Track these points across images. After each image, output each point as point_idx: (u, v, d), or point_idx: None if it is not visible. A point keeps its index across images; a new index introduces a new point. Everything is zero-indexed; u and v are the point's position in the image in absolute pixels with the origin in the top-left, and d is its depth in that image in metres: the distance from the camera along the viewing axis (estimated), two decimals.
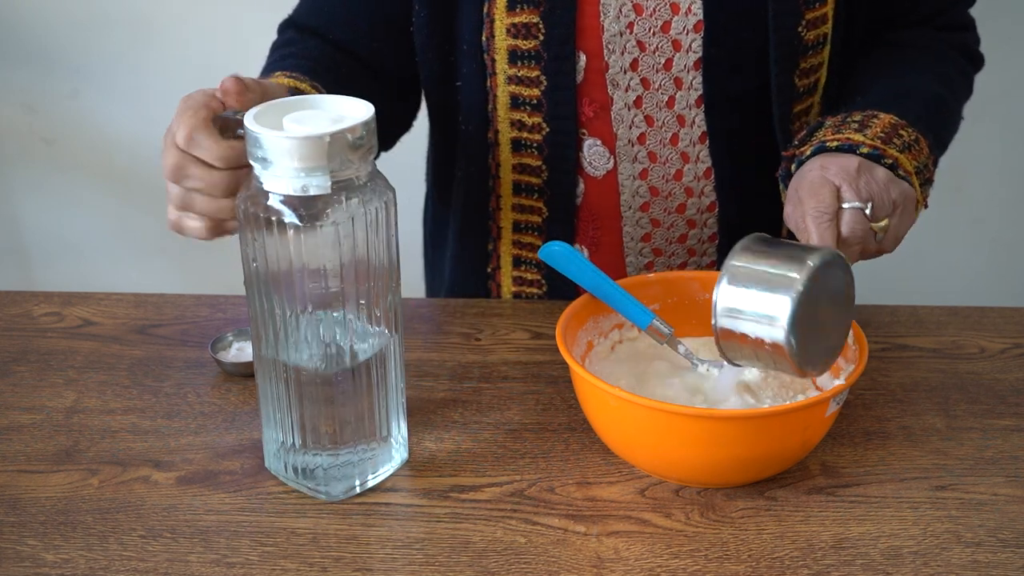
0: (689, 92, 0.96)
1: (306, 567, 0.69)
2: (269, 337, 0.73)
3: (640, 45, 0.94)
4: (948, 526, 0.73)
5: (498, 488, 0.77)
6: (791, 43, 0.94)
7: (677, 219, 1.02)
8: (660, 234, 1.03)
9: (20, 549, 0.71)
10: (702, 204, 1.01)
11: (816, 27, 0.95)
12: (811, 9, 0.94)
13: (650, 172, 0.99)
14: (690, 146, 0.98)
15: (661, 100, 0.96)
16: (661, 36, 0.93)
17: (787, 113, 0.98)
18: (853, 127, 0.87)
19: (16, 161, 2.04)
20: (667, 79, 0.95)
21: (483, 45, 0.96)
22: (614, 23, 0.93)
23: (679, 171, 0.99)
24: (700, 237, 1.03)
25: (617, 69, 0.94)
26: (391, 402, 0.77)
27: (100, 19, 1.88)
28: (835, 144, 0.84)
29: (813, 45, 0.96)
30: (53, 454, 0.80)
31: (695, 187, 1.00)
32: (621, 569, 0.69)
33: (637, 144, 0.98)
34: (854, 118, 0.89)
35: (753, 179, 1.00)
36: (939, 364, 0.93)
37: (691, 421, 0.71)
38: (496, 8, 0.93)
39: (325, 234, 0.68)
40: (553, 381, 0.89)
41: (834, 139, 0.85)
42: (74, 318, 1.00)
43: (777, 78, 0.95)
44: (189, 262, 2.09)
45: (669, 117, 0.97)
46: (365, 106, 0.71)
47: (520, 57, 0.95)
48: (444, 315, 1.01)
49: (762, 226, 1.02)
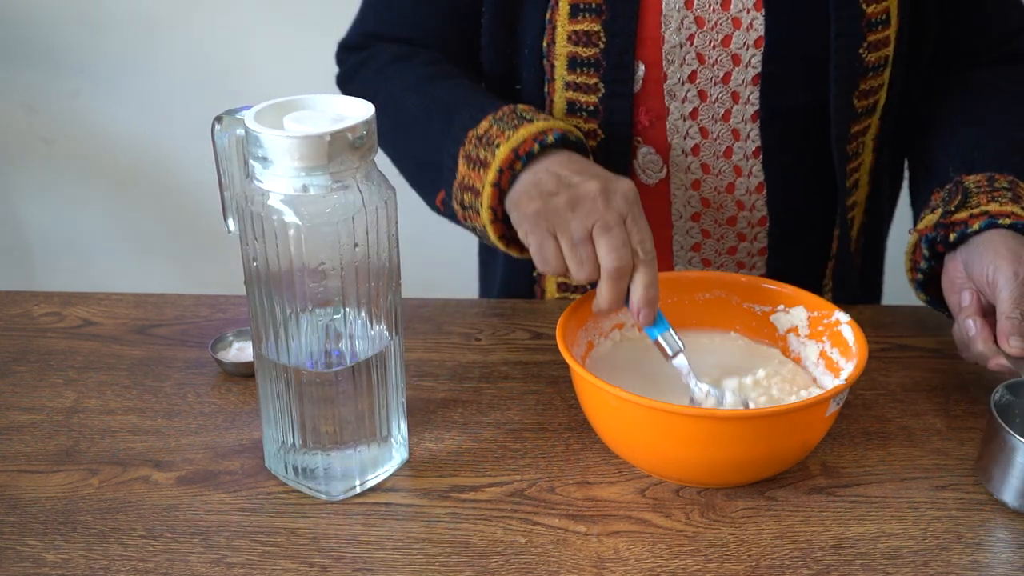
0: (746, 107, 0.96)
1: (306, 567, 0.69)
2: (269, 337, 0.73)
3: (699, 58, 0.94)
4: (948, 526, 0.73)
5: (498, 488, 0.77)
6: (852, 64, 0.94)
7: (727, 231, 1.02)
8: (710, 245, 1.03)
9: (20, 549, 0.71)
10: (753, 218, 1.01)
11: (878, 49, 0.95)
12: (874, 31, 0.94)
13: (702, 183, 0.99)
14: (743, 160, 0.98)
15: (717, 113, 0.96)
16: (721, 50, 0.93)
17: (844, 133, 0.98)
18: (1008, 196, 0.86)
19: (16, 161, 2.04)
20: (724, 92, 0.95)
21: (543, 51, 0.96)
22: (675, 35, 0.93)
23: (731, 184, 0.99)
24: (750, 250, 1.03)
25: (675, 80, 0.95)
26: (391, 402, 0.77)
27: (101, 19, 1.89)
28: (1007, 223, 0.83)
29: (874, 66, 0.96)
30: (53, 454, 0.80)
31: (746, 201, 1.00)
32: (621, 569, 0.69)
33: (691, 155, 0.98)
34: (1001, 184, 0.88)
35: (804, 196, 1.01)
36: (939, 364, 0.92)
37: (691, 421, 0.71)
38: (558, 15, 0.94)
39: (325, 234, 0.68)
40: (553, 381, 0.89)
41: (1001, 214, 0.84)
42: (74, 318, 1.00)
43: (836, 98, 0.95)
44: (189, 262, 2.09)
45: (724, 130, 0.97)
46: (365, 106, 0.71)
47: (579, 64, 0.95)
48: (444, 315, 1.01)
49: (811, 243, 1.03)
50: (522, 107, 0.88)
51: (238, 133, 0.74)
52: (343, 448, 0.74)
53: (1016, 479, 0.72)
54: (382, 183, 0.72)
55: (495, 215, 0.85)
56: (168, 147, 1.97)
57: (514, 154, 0.83)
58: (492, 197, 0.84)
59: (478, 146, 0.86)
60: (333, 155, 0.67)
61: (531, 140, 0.83)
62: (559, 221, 0.78)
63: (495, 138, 0.85)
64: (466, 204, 0.88)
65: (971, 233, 0.85)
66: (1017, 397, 0.76)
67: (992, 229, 0.84)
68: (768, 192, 1.00)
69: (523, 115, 0.87)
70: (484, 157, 0.85)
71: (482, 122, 0.87)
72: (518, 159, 0.83)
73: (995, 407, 0.73)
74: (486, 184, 0.84)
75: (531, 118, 0.86)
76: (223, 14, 1.89)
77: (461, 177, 0.87)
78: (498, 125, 0.86)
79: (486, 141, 0.85)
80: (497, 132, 0.85)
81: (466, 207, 0.88)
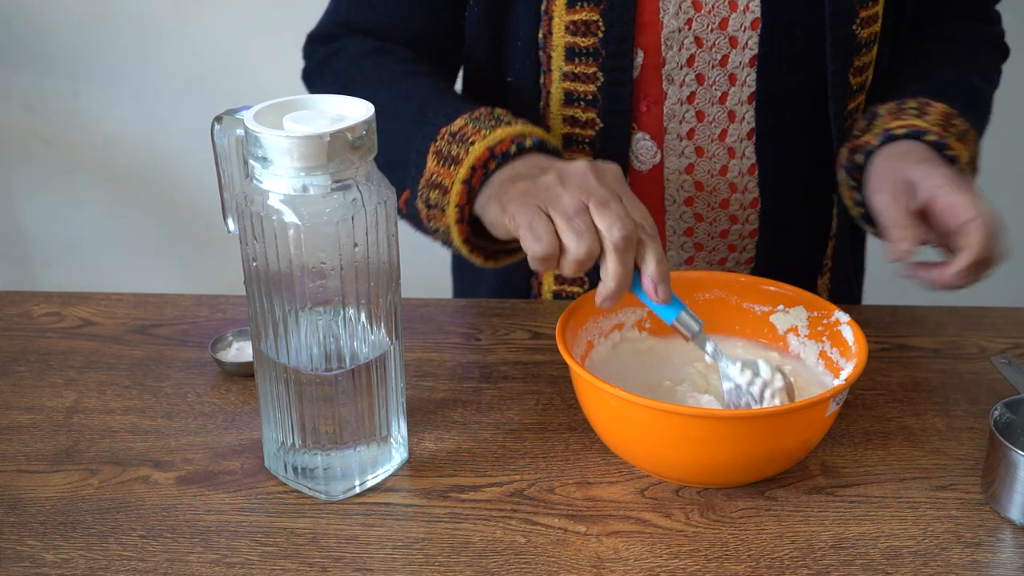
0: (742, 89, 0.96)
1: (306, 567, 0.69)
2: (269, 337, 0.73)
3: (697, 41, 0.94)
4: (948, 526, 0.73)
5: (498, 488, 0.77)
6: (847, 41, 0.95)
7: (720, 214, 1.02)
8: (703, 228, 1.03)
9: (20, 549, 0.71)
10: (745, 200, 1.02)
11: (869, 25, 0.96)
12: (865, 7, 0.95)
13: (696, 167, 1.00)
14: (737, 142, 0.99)
15: (714, 96, 0.97)
16: (719, 33, 0.94)
17: (842, 110, 0.99)
18: (912, 113, 0.90)
19: (16, 161, 2.04)
20: (722, 75, 0.96)
21: (539, 42, 0.96)
22: (673, 19, 0.93)
23: (724, 167, 1.00)
24: (741, 232, 1.04)
25: (674, 65, 0.95)
26: (391, 402, 0.77)
27: (101, 19, 1.89)
28: (903, 131, 0.87)
29: (866, 43, 0.97)
30: (53, 454, 0.80)
31: (739, 183, 1.01)
32: (621, 569, 0.69)
33: (686, 139, 0.98)
34: (910, 105, 0.92)
35: (795, 176, 1.01)
36: (939, 364, 0.93)
37: (691, 421, 0.71)
38: (555, 5, 0.93)
39: (325, 234, 0.68)
40: (553, 381, 0.89)
41: (900, 126, 0.88)
42: (74, 318, 1.00)
43: (833, 76, 0.96)
44: (189, 262, 2.09)
45: (720, 113, 0.97)
46: (365, 106, 0.71)
47: (578, 54, 0.94)
48: (444, 315, 1.01)
49: (801, 222, 1.04)
50: (499, 110, 0.87)
51: (238, 133, 0.74)
52: (343, 448, 0.74)
53: (1021, 495, 0.72)
54: (382, 183, 0.72)
55: (462, 215, 0.82)
56: (168, 147, 1.97)
57: (489, 152, 0.81)
58: (461, 195, 0.81)
59: (451, 143, 0.84)
60: (333, 155, 0.67)
61: (509, 141, 0.82)
62: (549, 196, 0.73)
63: (470, 136, 0.83)
64: (432, 203, 0.84)
65: (872, 150, 0.89)
66: (1016, 415, 0.76)
67: (889, 143, 0.88)
68: (760, 173, 1.00)
69: (500, 117, 0.85)
70: (456, 154, 0.82)
71: (457, 120, 0.85)
72: (493, 158, 0.81)
73: (995, 426, 0.73)
74: (456, 181, 0.82)
75: (508, 120, 0.85)
76: (223, 14, 1.89)
77: (429, 174, 0.85)
78: (474, 124, 0.84)
79: (460, 138, 0.83)
80: (473, 130, 0.83)
81: (431, 206, 0.85)
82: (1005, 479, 0.72)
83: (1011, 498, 0.72)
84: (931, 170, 0.84)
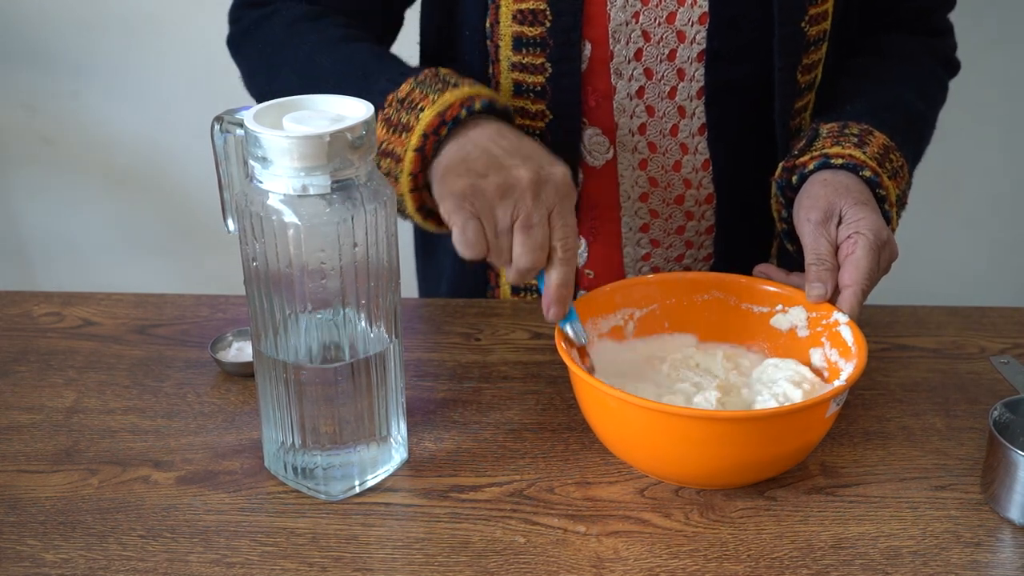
0: (691, 83, 0.96)
1: (306, 567, 0.69)
2: (269, 337, 0.73)
3: (645, 35, 0.94)
4: (948, 526, 0.73)
5: (498, 488, 0.77)
6: (795, 38, 0.95)
7: (675, 210, 1.02)
8: (658, 225, 1.03)
9: (20, 549, 0.71)
10: (700, 196, 1.01)
11: (817, 23, 0.96)
12: (814, 5, 0.95)
13: (649, 163, 1.00)
14: (689, 137, 0.98)
15: (663, 90, 0.96)
16: (666, 27, 0.94)
17: (788, 108, 0.99)
18: (852, 141, 0.89)
19: (16, 161, 2.04)
20: (670, 70, 0.95)
21: (487, 31, 0.95)
22: (620, 12, 0.93)
23: (678, 162, 1.00)
24: (698, 229, 1.03)
25: (621, 58, 0.95)
26: (391, 402, 0.77)
27: (101, 19, 1.89)
28: (840, 162, 0.87)
29: (815, 41, 0.97)
30: (53, 454, 0.80)
31: (693, 179, 1.00)
32: (621, 569, 0.69)
33: (637, 134, 0.98)
34: (852, 131, 0.91)
35: (750, 173, 1.01)
36: (939, 364, 0.93)
37: (690, 423, 0.71)
38: None
39: (325, 234, 0.68)
40: (553, 381, 0.89)
41: (838, 154, 0.87)
42: (74, 318, 1.00)
43: (780, 72, 0.96)
44: (189, 262, 2.09)
45: (670, 108, 0.97)
46: (365, 106, 0.71)
47: (525, 44, 0.94)
48: (444, 315, 1.01)
49: (757, 221, 1.03)
50: (444, 70, 0.86)
51: (238, 133, 0.74)
52: (342, 448, 0.74)
53: (1021, 495, 0.72)
54: (381, 183, 0.72)
55: (415, 182, 0.82)
56: (168, 147, 1.97)
57: (440, 119, 0.80)
58: (414, 163, 0.81)
59: (399, 110, 0.83)
60: (332, 155, 0.67)
61: (458, 105, 0.81)
62: (484, 206, 0.76)
63: (418, 101, 0.82)
64: (384, 171, 0.84)
65: (808, 173, 0.89)
66: (1016, 415, 0.76)
67: (825, 169, 0.88)
68: (714, 169, 1.00)
69: (446, 79, 0.84)
70: (407, 121, 0.82)
71: (403, 85, 0.84)
72: (444, 124, 0.80)
73: (994, 426, 0.73)
74: (408, 149, 0.81)
75: (455, 82, 0.84)
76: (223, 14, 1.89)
77: (380, 142, 0.84)
78: (421, 88, 0.83)
79: (408, 104, 0.83)
80: (420, 95, 0.82)
81: (385, 174, 0.84)
82: (1005, 479, 0.72)
83: (1011, 498, 0.72)
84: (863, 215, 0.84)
